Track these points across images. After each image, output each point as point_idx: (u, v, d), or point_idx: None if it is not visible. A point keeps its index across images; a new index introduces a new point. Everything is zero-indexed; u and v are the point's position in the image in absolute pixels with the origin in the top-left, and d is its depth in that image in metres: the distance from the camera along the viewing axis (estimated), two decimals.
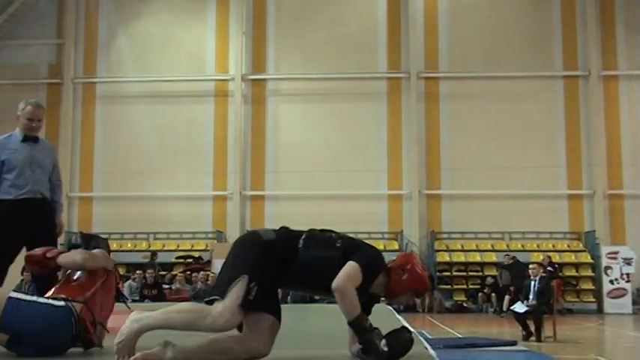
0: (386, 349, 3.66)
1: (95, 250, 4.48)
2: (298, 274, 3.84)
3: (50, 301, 4.11)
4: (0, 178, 5.60)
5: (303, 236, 3.92)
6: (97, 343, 4.42)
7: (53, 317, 3.98)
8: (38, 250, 4.46)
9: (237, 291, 3.60)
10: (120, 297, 4.75)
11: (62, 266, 4.33)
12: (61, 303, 4.08)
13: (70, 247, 4.71)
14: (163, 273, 20.25)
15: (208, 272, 19.02)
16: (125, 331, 3.60)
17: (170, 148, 22.81)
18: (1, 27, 23.68)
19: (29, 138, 5.72)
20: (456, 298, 21.82)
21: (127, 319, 3.69)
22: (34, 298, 4.08)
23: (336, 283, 3.67)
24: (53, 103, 23.46)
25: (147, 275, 17.16)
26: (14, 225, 5.49)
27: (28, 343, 3.89)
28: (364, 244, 4.04)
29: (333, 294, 3.69)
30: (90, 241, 4.81)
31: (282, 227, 4.05)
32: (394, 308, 11.23)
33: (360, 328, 3.73)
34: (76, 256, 4.28)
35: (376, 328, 3.75)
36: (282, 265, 3.81)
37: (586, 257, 21.89)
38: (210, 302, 3.64)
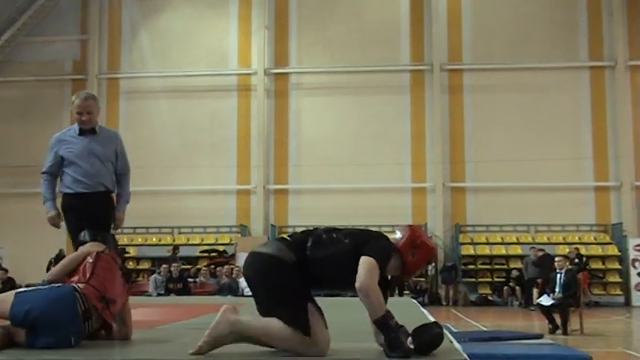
0: (412, 346, 3.67)
1: (80, 248, 4.81)
2: (318, 276, 3.94)
3: (53, 284, 4.41)
4: (62, 173, 5.66)
5: (309, 242, 3.97)
6: (121, 337, 4.49)
7: (56, 296, 4.15)
8: None
9: (313, 317, 3.80)
10: (128, 278, 4.97)
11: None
12: (63, 284, 4.38)
13: (79, 243, 4.78)
14: (188, 267, 20.35)
15: (232, 266, 19.08)
16: (221, 328, 3.75)
17: (194, 143, 22.89)
18: (26, 24, 23.89)
19: (85, 131, 5.62)
20: (480, 291, 21.70)
21: (222, 313, 3.79)
22: (37, 287, 4.33)
23: (359, 283, 3.72)
24: None
25: (172, 269, 17.24)
26: (75, 218, 5.53)
27: (42, 330, 3.98)
28: (370, 235, 4.11)
29: (356, 293, 3.75)
30: (96, 237, 4.86)
31: (281, 238, 4.18)
32: (419, 302, 11.19)
33: (385, 326, 3.76)
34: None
35: (402, 326, 3.74)
36: (305, 275, 3.91)
37: (613, 250, 21.65)
38: None
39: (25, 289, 4.44)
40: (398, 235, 4.22)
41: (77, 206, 5.56)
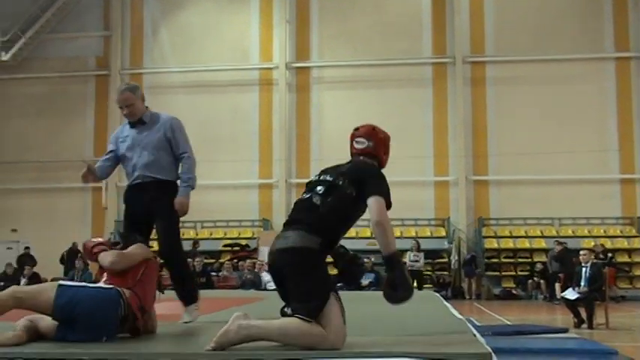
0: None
1: (131, 247, 4.69)
2: (333, 230, 4.14)
3: (100, 284, 4.42)
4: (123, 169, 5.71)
5: (317, 199, 4.17)
6: (146, 330, 4.53)
7: (102, 297, 4.21)
8: (90, 243, 4.74)
9: (333, 310, 3.84)
10: (159, 287, 4.91)
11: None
12: (110, 286, 4.35)
13: (112, 244, 4.80)
14: (211, 261, 20.41)
15: (255, 260, 19.13)
16: (230, 335, 3.73)
17: (216, 138, 22.93)
18: (49, 21, 24.09)
19: (134, 122, 5.54)
20: (504, 285, 21.57)
21: (232, 321, 3.79)
22: (83, 284, 4.30)
23: (375, 219, 4.05)
24: (101, 94, 23.89)
25: (195, 263, 17.29)
26: (132, 211, 5.58)
27: (79, 327, 4.04)
28: (361, 171, 4.36)
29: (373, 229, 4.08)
30: (127, 239, 4.87)
31: (291, 221, 4.29)
32: (442, 295, 11.15)
33: (395, 261, 4.05)
34: (106, 258, 4.52)
35: (405, 263, 3.90)
36: (326, 245, 4.09)
37: (639, 243, 21.42)
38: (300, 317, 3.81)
39: (70, 282, 4.48)
40: (364, 143, 4.60)
41: (128, 199, 5.61)
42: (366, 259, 18.04)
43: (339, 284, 4.25)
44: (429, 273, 20.96)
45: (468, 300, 20.25)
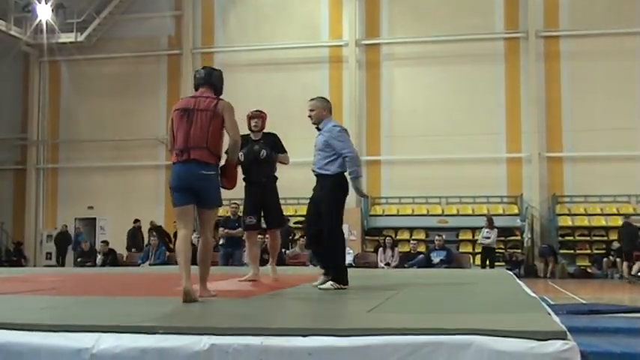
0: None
1: None
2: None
3: None
4: None
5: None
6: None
7: None
8: None
9: None
10: None
11: None
12: None
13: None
14: None
15: None
16: None
17: (287, 116, 22.98)
18: (123, 1, 24.54)
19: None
20: (579, 264, 21.14)
21: None
22: None
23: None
24: (173, 73, 24.28)
25: (266, 240, 17.47)
26: None
27: None
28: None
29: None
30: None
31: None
32: (514, 274, 10.99)
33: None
34: None
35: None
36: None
37: None
38: None
39: None
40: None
41: None
42: (437, 237, 17.95)
43: None
44: (501, 250, 20.69)
45: (542, 278, 19.93)
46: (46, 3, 23.69)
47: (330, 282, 6.34)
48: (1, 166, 25.63)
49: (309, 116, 6.79)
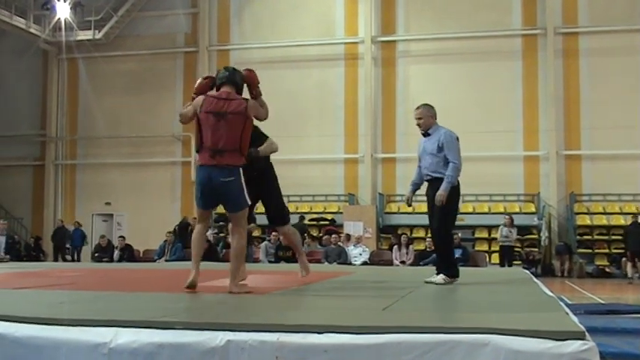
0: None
1: None
2: None
3: None
4: None
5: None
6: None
7: None
8: None
9: None
10: None
11: None
12: None
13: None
14: None
15: (341, 234, 19.26)
16: None
17: (303, 112, 23.08)
18: None
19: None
20: (597, 263, 20.99)
21: None
22: None
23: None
24: (190, 70, 24.36)
25: (281, 237, 17.48)
26: None
27: None
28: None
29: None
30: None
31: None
32: (531, 273, 10.93)
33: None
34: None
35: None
36: None
37: None
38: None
39: None
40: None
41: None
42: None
43: None
44: (518, 249, 20.60)
45: (559, 278, 19.81)
46: (65, 1, 23.89)
47: (442, 276, 6.85)
48: (20, 162, 25.86)
49: (418, 124, 7.45)
